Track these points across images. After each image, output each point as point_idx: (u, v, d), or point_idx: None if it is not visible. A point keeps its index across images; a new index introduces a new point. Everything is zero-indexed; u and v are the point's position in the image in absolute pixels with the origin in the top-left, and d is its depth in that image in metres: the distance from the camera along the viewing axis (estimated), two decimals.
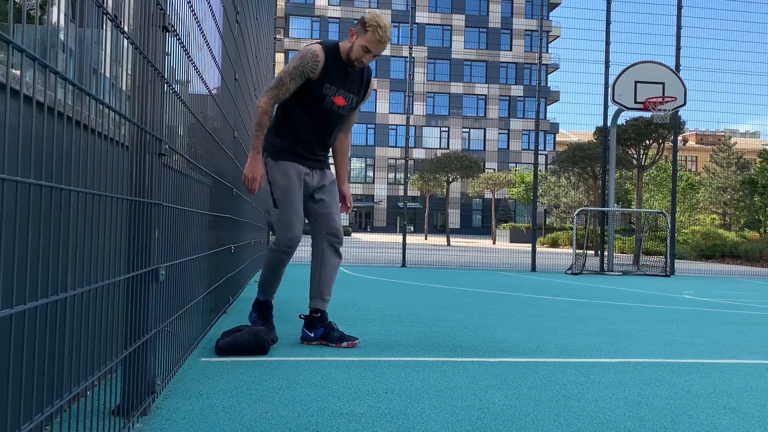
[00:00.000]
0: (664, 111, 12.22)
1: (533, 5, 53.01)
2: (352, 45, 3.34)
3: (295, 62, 3.29)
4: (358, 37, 3.34)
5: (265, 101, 3.29)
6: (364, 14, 3.38)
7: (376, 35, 3.31)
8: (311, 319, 3.54)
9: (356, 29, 3.36)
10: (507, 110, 53.97)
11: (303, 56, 3.29)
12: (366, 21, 3.33)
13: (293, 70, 3.28)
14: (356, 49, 3.32)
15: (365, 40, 3.32)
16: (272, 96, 3.29)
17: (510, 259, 15.84)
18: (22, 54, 1.11)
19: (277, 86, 3.29)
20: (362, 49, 3.32)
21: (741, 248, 19.91)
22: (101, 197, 1.69)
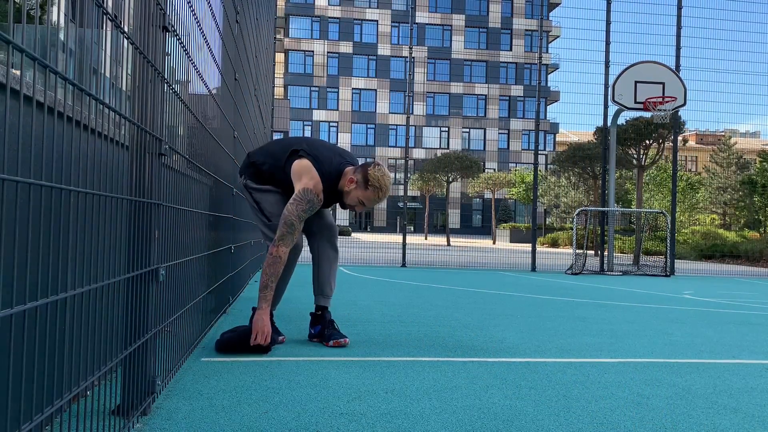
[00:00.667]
0: (664, 111, 12.22)
1: (533, 5, 53.01)
2: (350, 192, 3.35)
3: (303, 206, 3.21)
4: (357, 189, 3.33)
5: (284, 251, 3.21)
6: (369, 168, 3.31)
7: (376, 196, 3.33)
8: (314, 317, 3.60)
9: (357, 179, 3.32)
10: (507, 110, 53.97)
11: (310, 201, 3.23)
12: (369, 180, 3.30)
13: (302, 213, 3.22)
14: (352, 198, 3.35)
15: (364, 196, 3.33)
16: (288, 243, 3.22)
17: (510, 259, 15.85)
18: (22, 54, 1.11)
19: (291, 232, 3.21)
20: (358, 200, 3.35)
21: (741, 248, 19.91)
22: (101, 197, 1.69)
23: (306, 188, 3.24)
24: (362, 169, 3.33)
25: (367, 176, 3.30)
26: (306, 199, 3.23)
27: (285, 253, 3.22)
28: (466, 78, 53.45)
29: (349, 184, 3.34)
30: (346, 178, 3.36)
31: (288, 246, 3.24)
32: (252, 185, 3.47)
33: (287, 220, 3.22)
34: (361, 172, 3.32)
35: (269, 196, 3.45)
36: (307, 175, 3.26)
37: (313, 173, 3.27)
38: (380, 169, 3.33)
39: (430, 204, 38.39)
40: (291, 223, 3.22)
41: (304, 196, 3.23)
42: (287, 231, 3.22)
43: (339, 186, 3.38)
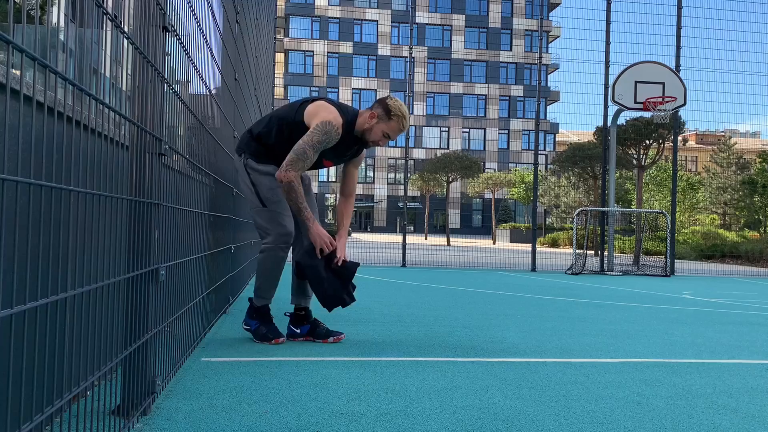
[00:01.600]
0: (664, 111, 12.21)
1: (533, 5, 52.99)
2: (372, 127, 3.33)
3: (319, 136, 3.18)
4: (380, 122, 3.32)
5: (294, 175, 3.19)
6: (387, 100, 3.34)
7: (400, 125, 3.33)
8: (297, 317, 3.61)
9: (378, 113, 3.32)
10: (507, 110, 53.97)
11: (328, 132, 3.19)
12: (391, 109, 3.31)
13: (317, 143, 3.19)
14: (376, 132, 3.33)
15: (388, 127, 3.33)
16: (298, 169, 3.19)
17: (510, 259, 15.84)
18: (22, 54, 1.11)
19: (302, 159, 3.18)
20: (383, 134, 3.34)
21: (741, 248, 19.91)
22: (101, 197, 1.69)
23: (324, 121, 3.19)
24: (380, 104, 3.34)
25: (388, 107, 3.31)
26: (323, 130, 3.18)
27: (295, 177, 3.18)
28: (466, 78, 53.45)
29: (370, 119, 3.32)
30: (364, 116, 3.34)
31: (297, 171, 3.18)
32: (253, 164, 3.36)
33: (298, 147, 3.17)
34: (381, 106, 3.33)
35: (268, 179, 3.36)
36: (326, 110, 3.23)
37: (331, 108, 3.25)
38: (397, 100, 3.36)
39: (430, 204, 38.39)
40: (303, 150, 3.16)
41: (321, 127, 3.18)
42: (297, 157, 3.17)
43: (357, 126, 3.35)
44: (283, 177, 3.18)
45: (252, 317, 3.50)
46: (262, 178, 3.35)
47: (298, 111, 3.30)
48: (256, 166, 3.36)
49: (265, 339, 3.40)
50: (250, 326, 3.49)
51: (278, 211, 3.34)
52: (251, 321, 3.50)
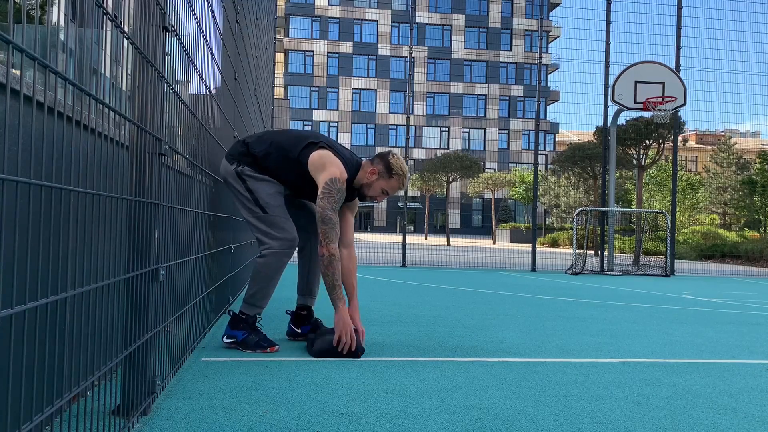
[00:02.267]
0: (664, 111, 12.21)
1: (533, 5, 52.99)
2: (371, 183, 3.33)
3: (335, 196, 3.12)
4: (380, 179, 3.32)
5: (334, 247, 3.13)
6: (389, 157, 3.31)
7: (401, 183, 3.34)
8: (299, 317, 3.57)
9: (379, 170, 3.31)
10: (507, 110, 53.96)
11: (340, 191, 3.15)
12: (393, 168, 3.30)
13: (335, 204, 3.14)
14: (375, 188, 3.33)
15: (388, 184, 3.33)
16: (334, 239, 3.13)
17: (510, 259, 15.84)
18: (22, 54, 1.11)
19: (333, 226, 3.14)
20: (381, 191, 3.33)
21: (741, 248, 19.90)
22: (101, 197, 1.69)
23: (333, 178, 3.15)
24: (381, 160, 3.32)
25: (389, 165, 3.30)
26: (335, 189, 3.15)
27: (336, 249, 3.14)
28: (466, 78, 53.44)
29: (370, 175, 3.32)
30: (365, 170, 3.33)
31: (335, 241, 3.14)
32: (248, 172, 3.25)
33: (324, 217, 3.12)
34: (382, 163, 3.31)
35: (267, 186, 3.26)
36: (333, 165, 3.18)
37: (337, 163, 3.20)
38: (399, 158, 3.34)
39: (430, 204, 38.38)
40: (329, 219, 3.13)
41: (333, 186, 3.14)
42: (329, 228, 3.13)
43: (356, 179, 3.34)
44: (326, 251, 3.12)
45: (237, 328, 3.25)
46: (260, 184, 3.25)
47: (302, 153, 3.23)
48: (252, 174, 3.26)
49: (259, 347, 3.20)
50: (236, 337, 3.23)
51: (281, 215, 3.24)
52: (236, 332, 3.25)
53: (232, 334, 3.24)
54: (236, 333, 3.24)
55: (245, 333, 3.23)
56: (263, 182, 3.26)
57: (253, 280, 3.29)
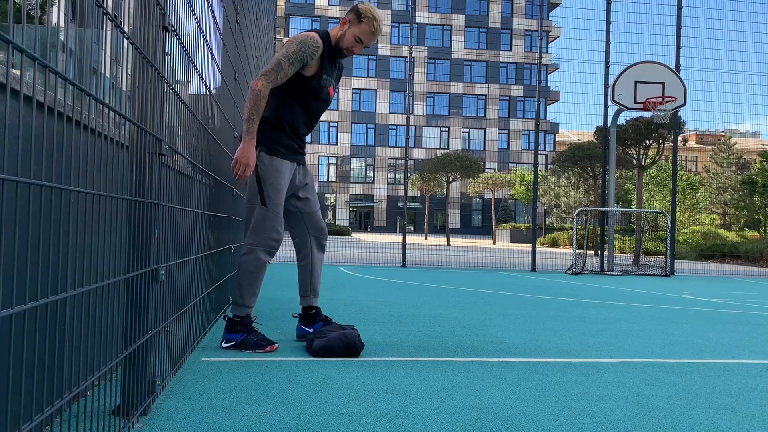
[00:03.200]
0: (664, 111, 12.22)
1: (533, 5, 53.01)
2: (344, 33, 3.31)
3: (294, 47, 3.17)
4: (351, 26, 3.30)
5: (263, 84, 3.12)
6: (358, 4, 3.31)
7: (371, 27, 3.29)
8: (308, 316, 3.57)
9: (349, 18, 3.31)
10: (507, 110, 53.97)
11: (303, 41, 3.19)
12: (361, 11, 3.27)
13: (293, 54, 3.16)
14: (348, 38, 3.30)
15: (359, 30, 3.29)
16: (270, 80, 3.14)
17: (510, 259, 15.85)
18: (22, 54, 1.11)
19: (276, 70, 3.14)
20: (354, 39, 3.30)
21: (741, 248, 19.91)
22: (101, 197, 1.69)
23: (297, 36, 3.23)
24: (351, 10, 3.32)
25: (359, 10, 3.29)
26: (297, 40, 3.19)
27: (265, 87, 3.13)
28: (466, 78, 53.45)
29: (342, 26, 3.32)
30: (337, 26, 3.35)
31: (269, 82, 3.14)
32: (264, 158, 3.24)
33: (274, 59, 3.17)
34: (352, 11, 3.31)
35: (276, 178, 3.25)
36: (302, 34, 3.27)
37: (300, 35, 3.26)
38: (368, 4, 3.34)
39: (430, 204, 38.39)
40: (277, 61, 3.16)
41: (294, 39, 3.20)
42: (272, 68, 3.15)
43: (333, 40, 3.34)
44: (254, 85, 3.12)
45: (234, 331, 3.23)
46: (271, 175, 3.25)
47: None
48: (267, 161, 3.24)
49: (258, 347, 3.19)
50: (235, 339, 3.21)
51: (276, 213, 3.26)
52: (234, 335, 3.22)
53: (231, 338, 3.23)
54: (234, 336, 3.23)
55: (242, 335, 3.23)
56: (275, 173, 3.26)
57: (238, 280, 3.32)
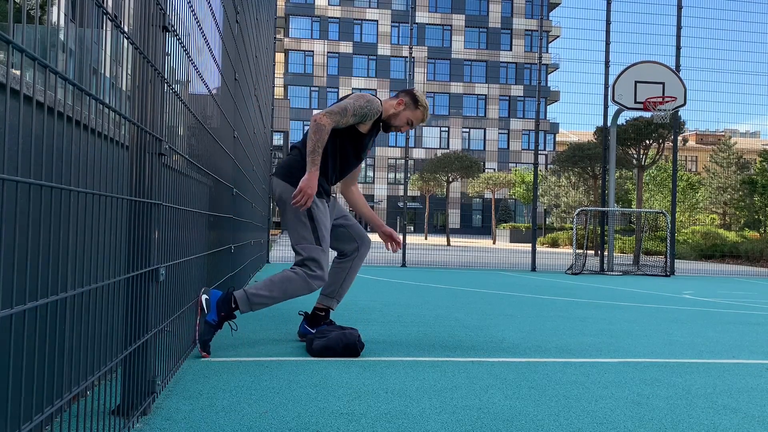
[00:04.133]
0: (664, 111, 12.21)
1: (533, 5, 52.99)
2: (398, 113, 3.49)
3: (362, 102, 3.32)
4: (406, 109, 3.49)
5: (328, 122, 3.21)
6: (414, 90, 3.51)
7: (424, 115, 3.56)
8: (315, 318, 3.57)
9: (405, 101, 3.48)
10: (507, 110, 53.96)
11: (370, 102, 3.34)
12: (419, 99, 3.51)
13: (359, 108, 3.30)
14: (401, 119, 3.49)
15: (413, 115, 3.51)
16: (334, 120, 3.23)
17: (510, 259, 15.85)
18: (22, 54, 1.11)
19: (341, 114, 3.26)
20: (407, 121, 3.49)
21: (741, 248, 19.90)
22: (101, 197, 1.69)
23: (362, 95, 3.35)
24: (407, 93, 3.51)
25: (416, 97, 3.50)
26: (366, 98, 3.34)
27: (329, 124, 3.22)
28: (466, 78, 53.44)
29: (397, 106, 3.47)
30: (391, 103, 3.49)
31: (332, 122, 3.24)
32: (315, 199, 3.29)
33: (343, 104, 3.28)
34: (408, 95, 3.49)
35: (326, 219, 3.36)
36: (365, 95, 3.39)
37: (368, 95, 3.39)
38: (420, 91, 3.57)
39: (430, 204, 38.38)
40: (344, 107, 3.27)
41: (363, 96, 3.35)
42: (339, 111, 3.26)
43: (384, 113, 3.47)
44: (318, 119, 3.21)
45: (220, 312, 3.08)
46: (320, 214, 3.32)
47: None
48: (317, 201, 3.31)
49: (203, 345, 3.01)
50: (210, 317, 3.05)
51: (327, 252, 3.32)
52: (213, 314, 3.07)
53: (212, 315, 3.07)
54: (212, 315, 3.07)
55: (216, 320, 3.07)
56: (321, 210, 3.33)
57: (270, 284, 3.19)
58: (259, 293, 3.17)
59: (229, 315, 3.13)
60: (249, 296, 3.17)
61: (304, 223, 3.27)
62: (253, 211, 7.32)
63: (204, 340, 3.03)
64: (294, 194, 3.18)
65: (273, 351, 3.24)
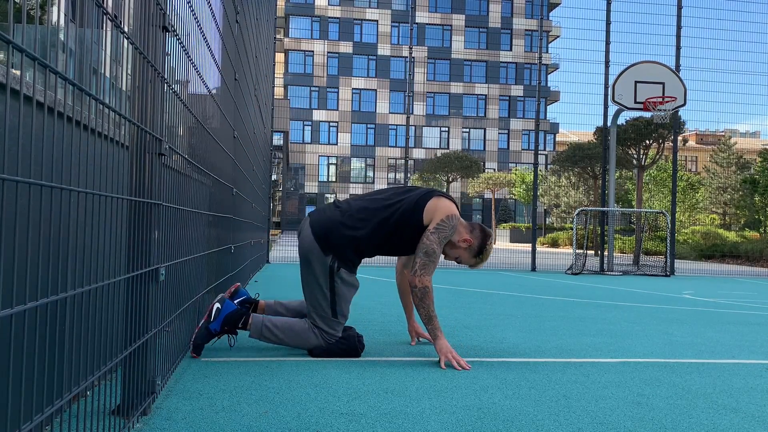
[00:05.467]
0: (664, 111, 12.21)
1: (533, 5, 52.97)
2: (459, 248, 3.27)
3: (446, 232, 3.13)
4: (467, 251, 3.28)
5: (429, 280, 3.09)
6: (488, 240, 3.30)
7: (478, 263, 3.34)
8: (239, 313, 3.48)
9: (472, 244, 3.27)
10: (507, 110, 53.94)
11: (453, 227, 3.16)
12: (484, 252, 3.30)
13: (444, 239, 3.14)
14: (455, 254, 3.28)
15: (466, 259, 3.31)
16: (431, 272, 3.10)
17: (510, 259, 15.85)
18: (22, 54, 1.11)
19: (434, 261, 3.10)
20: (456, 258, 3.31)
21: (741, 248, 19.91)
22: (101, 197, 1.69)
23: (451, 215, 3.13)
24: (481, 237, 3.29)
25: (483, 247, 3.29)
26: (450, 225, 3.13)
27: (430, 282, 3.08)
28: (466, 78, 53.43)
29: (462, 242, 3.26)
30: (461, 234, 3.26)
31: (431, 274, 3.09)
32: (343, 275, 3.12)
33: (428, 248, 3.08)
34: (479, 239, 3.28)
35: (350, 292, 3.17)
36: (450, 208, 3.17)
37: (453, 208, 3.19)
38: (492, 245, 3.35)
39: None
40: (433, 251, 3.09)
41: (448, 223, 3.12)
42: (429, 260, 3.08)
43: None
44: (418, 283, 3.06)
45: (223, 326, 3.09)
46: (346, 290, 3.15)
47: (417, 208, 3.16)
48: (345, 277, 3.13)
49: (195, 347, 3.02)
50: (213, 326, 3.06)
51: (342, 323, 3.19)
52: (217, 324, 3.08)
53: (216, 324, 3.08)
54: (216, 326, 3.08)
55: (219, 331, 3.08)
56: (350, 288, 3.17)
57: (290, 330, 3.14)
58: (274, 331, 3.13)
59: (232, 331, 3.14)
60: (264, 327, 3.13)
61: (324, 294, 3.12)
62: (253, 211, 7.33)
63: (198, 344, 3.04)
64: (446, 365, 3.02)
65: (273, 351, 3.24)
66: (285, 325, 3.15)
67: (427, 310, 3.07)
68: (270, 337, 3.14)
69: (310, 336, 3.13)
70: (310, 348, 3.16)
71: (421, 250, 3.09)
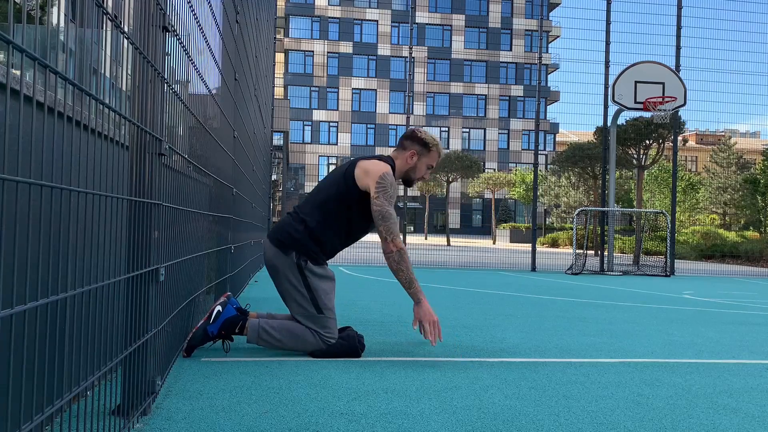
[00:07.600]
0: (664, 111, 12.21)
1: (533, 5, 52.99)
2: (415, 165, 3.33)
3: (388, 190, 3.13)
4: (421, 158, 3.33)
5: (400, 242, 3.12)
6: (418, 134, 3.34)
7: (439, 152, 3.39)
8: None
9: (416, 150, 3.31)
10: (507, 110, 53.96)
11: (392, 184, 3.16)
12: (427, 141, 3.33)
13: (391, 198, 3.14)
14: (421, 168, 3.35)
15: (430, 159, 3.35)
16: (398, 233, 3.12)
17: (510, 259, 15.84)
18: (22, 54, 1.11)
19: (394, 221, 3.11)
20: (427, 167, 3.36)
21: (741, 248, 19.90)
22: (101, 197, 1.69)
23: (383, 173, 3.15)
24: (412, 140, 3.34)
25: (423, 141, 3.33)
26: (388, 183, 3.15)
27: (402, 243, 3.14)
28: (466, 78, 53.44)
29: (411, 158, 3.33)
30: (403, 157, 3.33)
31: (400, 236, 3.14)
32: (312, 267, 3.13)
33: (383, 213, 3.11)
34: (415, 142, 3.33)
35: (325, 284, 3.16)
36: (377, 166, 3.18)
37: (380, 164, 3.21)
38: (425, 131, 3.38)
39: (430, 204, 38.39)
40: (389, 214, 3.12)
41: (385, 181, 3.14)
42: (391, 223, 3.11)
43: (398, 171, 3.34)
44: (393, 247, 3.08)
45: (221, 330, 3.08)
46: (321, 282, 3.15)
47: (347, 180, 3.18)
48: (315, 270, 3.15)
49: (188, 348, 3.02)
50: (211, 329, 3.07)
51: (332, 317, 3.17)
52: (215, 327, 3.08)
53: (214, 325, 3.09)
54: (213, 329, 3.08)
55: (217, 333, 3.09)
56: (323, 280, 3.17)
57: (287, 332, 3.13)
58: (272, 333, 3.13)
59: (228, 336, 3.14)
60: (261, 329, 3.14)
61: (302, 293, 3.12)
62: (253, 211, 7.32)
63: (192, 345, 3.04)
64: (423, 330, 3.06)
65: (273, 351, 3.24)
66: (282, 326, 3.15)
67: (407, 273, 3.11)
68: (268, 339, 3.14)
69: (308, 337, 3.13)
70: (309, 349, 3.16)
71: (377, 218, 3.12)
